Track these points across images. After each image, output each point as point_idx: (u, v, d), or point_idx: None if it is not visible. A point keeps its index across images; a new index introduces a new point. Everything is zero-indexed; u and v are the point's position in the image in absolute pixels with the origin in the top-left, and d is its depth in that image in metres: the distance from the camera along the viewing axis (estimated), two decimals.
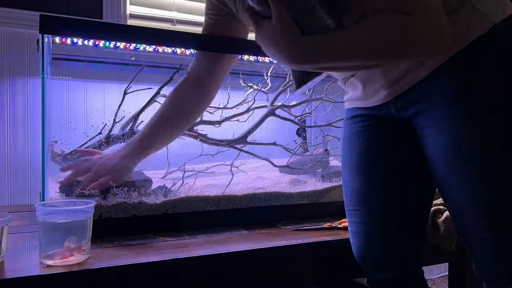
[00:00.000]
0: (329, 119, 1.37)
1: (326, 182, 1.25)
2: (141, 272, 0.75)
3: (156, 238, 0.92)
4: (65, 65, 1.26)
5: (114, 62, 1.26)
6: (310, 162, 1.32)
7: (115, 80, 1.35)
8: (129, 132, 1.07)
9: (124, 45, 1.04)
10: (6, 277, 0.67)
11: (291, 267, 0.91)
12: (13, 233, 0.93)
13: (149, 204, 0.97)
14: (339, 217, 1.13)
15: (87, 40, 1.01)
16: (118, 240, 0.90)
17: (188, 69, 1.03)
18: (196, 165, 1.22)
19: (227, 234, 0.98)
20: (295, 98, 1.34)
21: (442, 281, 2.09)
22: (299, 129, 1.52)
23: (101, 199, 0.92)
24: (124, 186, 0.95)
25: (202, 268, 0.81)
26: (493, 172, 0.68)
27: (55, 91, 1.24)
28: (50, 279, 0.69)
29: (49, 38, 0.91)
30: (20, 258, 0.77)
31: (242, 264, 0.85)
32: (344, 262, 0.96)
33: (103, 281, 0.73)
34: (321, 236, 0.97)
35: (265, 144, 1.26)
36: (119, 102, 1.04)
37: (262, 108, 1.27)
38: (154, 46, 1.07)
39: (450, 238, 1.05)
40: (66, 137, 1.07)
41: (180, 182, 1.10)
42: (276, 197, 1.12)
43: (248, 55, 1.16)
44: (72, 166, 0.96)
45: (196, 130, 1.15)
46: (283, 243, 0.90)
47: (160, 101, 1.12)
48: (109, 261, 0.75)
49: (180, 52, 1.10)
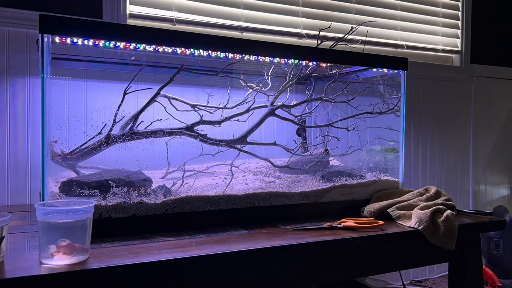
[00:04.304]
0: (329, 119, 1.37)
1: (326, 182, 1.25)
2: (141, 272, 0.75)
3: (156, 238, 0.92)
4: (65, 65, 1.26)
5: (114, 62, 1.26)
6: (310, 162, 1.32)
7: (115, 80, 1.35)
8: (129, 132, 1.07)
9: (124, 45, 1.04)
10: (6, 277, 0.67)
11: (291, 267, 0.91)
12: (13, 233, 0.93)
13: (149, 204, 0.97)
14: (339, 217, 1.13)
15: (87, 40, 1.01)
16: (118, 240, 0.90)
17: None
18: (196, 164, 1.22)
19: (227, 234, 0.98)
20: (295, 98, 1.34)
21: (442, 280, 2.09)
22: (299, 129, 1.52)
23: (101, 199, 0.92)
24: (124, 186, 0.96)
25: (201, 268, 0.81)
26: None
27: (55, 91, 1.23)
28: (50, 279, 0.69)
29: (49, 38, 0.91)
30: (20, 258, 0.77)
31: (242, 264, 0.85)
32: (345, 262, 0.96)
33: (103, 281, 0.73)
34: (321, 236, 0.97)
35: (265, 144, 1.26)
36: (119, 102, 1.04)
37: (262, 108, 1.27)
38: (154, 46, 1.07)
39: (450, 238, 1.05)
40: (66, 137, 1.06)
41: (180, 182, 1.10)
42: (276, 197, 1.12)
43: (248, 55, 1.15)
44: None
45: (196, 130, 1.15)
46: (283, 243, 0.90)
47: (160, 101, 1.12)
48: (109, 261, 0.75)
49: (180, 52, 1.10)
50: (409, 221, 1.09)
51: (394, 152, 1.39)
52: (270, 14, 1.69)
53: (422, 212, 1.08)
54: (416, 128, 2.08)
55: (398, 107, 1.37)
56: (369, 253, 1.01)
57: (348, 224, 1.04)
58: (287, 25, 1.72)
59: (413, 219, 1.08)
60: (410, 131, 2.06)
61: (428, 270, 2.13)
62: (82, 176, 1.02)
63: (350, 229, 1.03)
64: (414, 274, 2.09)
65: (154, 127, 1.11)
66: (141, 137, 1.09)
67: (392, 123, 1.38)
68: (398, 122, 1.37)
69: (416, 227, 1.05)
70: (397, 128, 1.37)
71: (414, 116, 2.07)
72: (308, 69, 1.34)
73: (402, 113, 1.37)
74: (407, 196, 1.24)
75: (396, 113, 1.37)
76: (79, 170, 1.08)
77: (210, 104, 1.20)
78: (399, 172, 1.36)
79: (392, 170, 1.38)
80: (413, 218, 1.08)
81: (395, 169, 1.37)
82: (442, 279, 2.12)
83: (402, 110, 1.37)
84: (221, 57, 1.16)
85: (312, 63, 1.31)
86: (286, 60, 1.27)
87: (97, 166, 1.12)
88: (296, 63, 1.28)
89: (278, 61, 1.27)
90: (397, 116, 1.37)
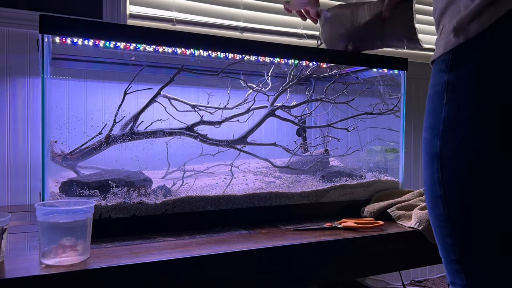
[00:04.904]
0: (329, 120, 1.37)
1: (326, 182, 1.25)
2: (141, 272, 0.75)
3: (156, 238, 0.92)
4: (65, 65, 1.26)
5: (114, 62, 1.26)
6: (310, 162, 1.32)
7: (115, 80, 1.35)
8: (129, 132, 1.07)
9: (124, 45, 1.04)
10: (6, 277, 0.67)
11: (291, 267, 0.90)
12: (13, 233, 0.93)
13: (149, 204, 0.97)
14: (339, 217, 1.13)
15: (87, 40, 1.01)
16: (118, 240, 0.90)
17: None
18: (196, 165, 1.22)
19: (227, 234, 0.98)
20: (295, 99, 1.34)
21: (442, 280, 2.09)
22: (299, 130, 1.52)
23: (102, 199, 0.92)
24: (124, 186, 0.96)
25: (201, 268, 0.81)
26: None
27: (55, 91, 1.23)
28: (50, 279, 0.69)
29: (49, 38, 0.91)
30: (20, 258, 0.77)
31: (242, 264, 0.85)
32: (345, 262, 0.96)
33: (103, 281, 0.73)
34: (321, 236, 0.97)
35: (265, 144, 1.26)
36: (119, 102, 1.04)
37: (262, 108, 1.27)
38: (154, 46, 1.07)
39: None
40: (66, 137, 1.07)
41: (180, 182, 1.10)
42: (276, 197, 1.12)
43: (248, 55, 1.15)
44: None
45: (196, 130, 1.15)
46: (283, 243, 0.90)
47: (160, 101, 1.12)
48: (109, 261, 0.75)
49: (180, 52, 1.10)
50: (409, 221, 1.09)
51: (394, 153, 1.39)
52: (270, 14, 1.69)
53: (422, 212, 1.08)
54: (416, 128, 2.08)
55: (398, 107, 1.37)
56: (369, 253, 1.01)
57: (348, 224, 1.04)
58: (287, 25, 1.72)
59: (413, 219, 1.08)
60: (410, 131, 2.06)
61: (428, 270, 2.13)
62: (82, 176, 1.02)
63: (350, 229, 1.03)
64: (414, 274, 2.09)
65: (154, 127, 1.11)
66: (141, 137, 1.09)
67: (392, 124, 1.38)
68: (398, 123, 1.37)
69: (416, 227, 1.05)
70: (397, 129, 1.37)
71: (414, 116, 2.07)
72: (308, 69, 1.34)
73: (402, 114, 1.37)
74: (407, 196, 1.24)
75: (396, 113, 1.37)
76: (79, 170, 1.08)
77: (210, 105, 1.20)
78: (399, 173, 1.36)
79: (392, 171, 1.38)
80: (413, 218, 1.08)
81: (395, 169, 1.37)
82: (442, 279, 2.12)
83: (402, 111, 1.37)
84: (221, 57, 1.16)
85: (312, 63, 1.31)
86: (286, 61, 1.27)
87: (97, 166, 1.12)
88: (296, 64, 1.28)
89: (278, 61, 1.27)
90: (397, 117, 1.37)
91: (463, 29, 0.57)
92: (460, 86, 0.57)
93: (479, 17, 0.55)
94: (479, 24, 0.55)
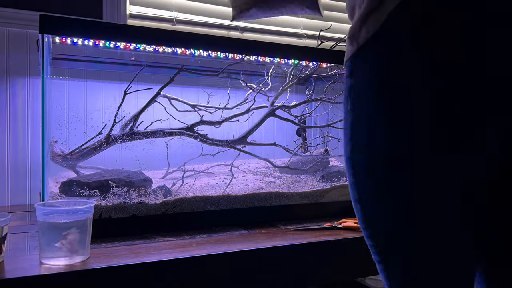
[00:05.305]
0: (329, 120, 1.37)
1: (326, 182, 1.25)
2: (141, 272, 0.75)
3: (156, 238, 0.92)
4: (65, 65, 1.26)
5: (114, 62, 1.26)
6: (310, 162, 1.32)
7: (115, 80, 1.35)
8: (129, 132, 1.07)
9: (124, 45, 1.04)
10: (6, 277, 0.67)
11: (291, 267, 0.91)
12: (13, 233, 0.93)
13: (149, 204, 0.97)
14: (339, 217, 1.13)
15: (87, 40, 1.01)
16: (118, 240, 0.90)
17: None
18: (196, 165, 1.22)
19: (227, 234, 0.98)
20: (295, 99, 1.34)
21: None
22: (299, 129, 1.52)
23: (101, 199, 0.92)
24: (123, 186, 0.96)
25: (202, 268, 0.81)
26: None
27: (55, 91, 1.23)
28: (50, 279, 0.69)
29: (49, 38, 0.91)
30: (20, 258, 0.77)
31: (242, 264, 0.85)
32: (345, 262, 0.96)
33: (103, 281, 0.73)
34: (321, 236, 0.97)
35: (265, 144, 1.26)
36: (119, 102, 1.04)
37: (262, 108, 1.27)
38: (154, 46, 1.07)
39: None
40: (66, 137, 1.07)
41: (180, 182, 1.10)
42: (276, 197, 1.12)
43: (248, 55, 1.16)
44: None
45: (196, 130, 1.15)
46: (283, 243, 0.90)
47: (160, 101, 1.12)
48: (109, 261, 0.75)
49: (180, 52, 1.10)
50: None
51: None
52: None
53: None
54: None
55: None
56: (369, 253, 1.01)
57: (348, 224, 1.04)
58: (287, 25, 1.72)
59: None
60: None
61: None
62: (82, 176, 1.02)
63: (350, 229, 1.03)
64: None
65: (154, 127, 1.11)
66: (141, 137, 1.09)
67: None
68: None
69: None
70: None
71: None
72: (308, 69, 1.34)
73: None
74: None
75: None
76: (79, 170, 1.08)
77: (210, 105, 1.20)
78: None
79: None
80: None
81: None
82: None
83: None
84: (221, 57, 1.16)
85: (312, 63, 1.31)
86: (286, 60, 1.27)
87: (97, 166, 1.12)
88: (296, 64, 1.28)
89: (278, 61, 1.27)
90: None
91: (355, 36, 0.58)
92: (358, 92, 0.58)
93: (365, 24, 0.56)
94: (366, 31, 0.56)
